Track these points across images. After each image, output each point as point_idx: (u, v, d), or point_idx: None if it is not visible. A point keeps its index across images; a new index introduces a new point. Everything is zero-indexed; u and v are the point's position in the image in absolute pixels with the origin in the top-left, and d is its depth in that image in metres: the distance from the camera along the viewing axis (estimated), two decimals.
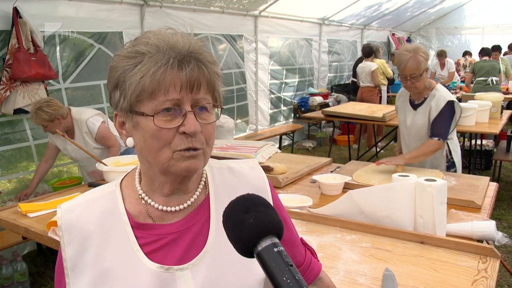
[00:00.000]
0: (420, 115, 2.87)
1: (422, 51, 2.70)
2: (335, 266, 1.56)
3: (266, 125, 7.33)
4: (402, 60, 2.70)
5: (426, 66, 2.71)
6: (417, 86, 2.75)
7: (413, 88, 2.79)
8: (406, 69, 2.69)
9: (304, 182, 2.68)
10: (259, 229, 0.65)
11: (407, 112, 2.98)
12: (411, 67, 2.67)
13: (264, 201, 0.70)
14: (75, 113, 3.45)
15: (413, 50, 2.69)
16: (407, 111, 2.98)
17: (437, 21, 12.57)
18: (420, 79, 2.71)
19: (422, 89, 2.80)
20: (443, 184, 1.79)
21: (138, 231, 0.89)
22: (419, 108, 2.88)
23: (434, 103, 2.78)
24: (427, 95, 2.84)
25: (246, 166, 1.01)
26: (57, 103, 3.39)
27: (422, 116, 2.86)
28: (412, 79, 2.71)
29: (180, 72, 0.81)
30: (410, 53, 2.68)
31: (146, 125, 0.82)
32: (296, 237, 1.03)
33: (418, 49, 2.70)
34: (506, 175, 6.09)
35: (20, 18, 3.56)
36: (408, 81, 2.74)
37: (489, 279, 1.44)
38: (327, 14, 8.08)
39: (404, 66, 2.70)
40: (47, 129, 3.41)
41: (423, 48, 2.76)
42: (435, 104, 2.78)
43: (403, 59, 2.69)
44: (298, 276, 0.62)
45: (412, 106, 2.93)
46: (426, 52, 2.75)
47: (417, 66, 2.67)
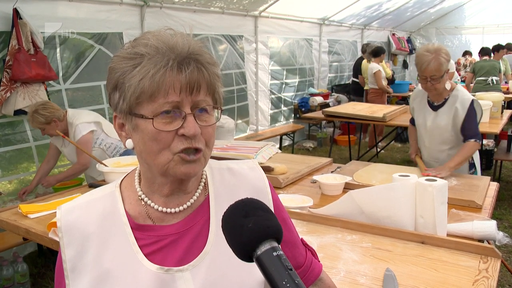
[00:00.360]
0: (442, 117, 2.79)
1: (444, 52, 2.62)
2: (335, 266, 1.56)
3: (267, 125, 7.33)
4: (423, 61, 2.62)
5: (447, 67, 2.64)
6: (437, 87, 2.68)
7: (433, 90, 2.72)
8: (426, 70, 2.62)
9: (305, 182, 2.68)
10: (258, 234, 0.65)
11: (427, 114, 2.89)
12: (432, 69, 2.60)
13: (263, 206, 0.70)
14: (70, 116, 3.45)
15: (435, 51, 2.61)
16: (427, 112, 2.89)
17: (437, 21, 12.56)
18: (440, 81, 2.64)
19: (442, 90, 2.73)
20: (443, 184, 1.79)
21: (137, 232, 0.89)
22: (440, 110, 2.81)
23: (459, 105, 2.71)
24: (448, 96, 2.77)
25: (246, 166, 1.00)
26: (53, 106, 3.41)
27: (445, 118, 2.78)
28: (432, 80, 2.64)
29: (180, 74, 0.80)
30: (432, 54, 2.60)
31: (145, 127, 0.82)
32: (297, 238, 1.03)
33: (440, 50, 2.61)
34: (506, 174, 6.08)
35: (20, 19, 3.56)
36: (428, 83, 2.67)
37: (490, 279, 1.44)
38: (327, 14, 8.08)
39: (425, 67, 2.62)
40: (44, 132, 3.44)
41: (445, 48, 2.67)
42: (461, 106, 2.71)
43: (424, 60, 2.61)
44: (298, 280, 0.62)
45: (432, 107, 2.86)
46: (448, 53, 2.67)
47: (438, 68, 2.59)
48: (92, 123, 3.47)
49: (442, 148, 2.88)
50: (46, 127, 3.37)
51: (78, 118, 3.43)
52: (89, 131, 3.43)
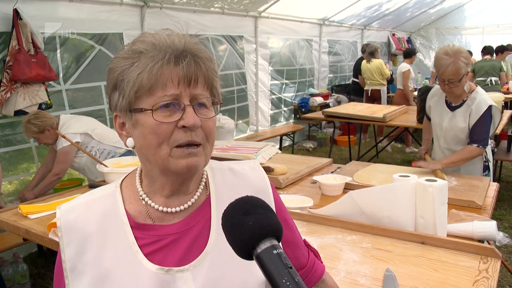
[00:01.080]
0: (459, 118, 2.77)
1: (463, 56, 2.59)
2: (335, 266, 1.56)
3: (267, 125, 7.33)
4: (442, 65, 2.58)
5: (466, 70, 2.60)
6: (454, 91, 2.66)
7: (450, 93, 2.71)
8: (444, 74, 2.59)
9: (305, 183, 2.68)
10: (258, 232, 0.65)
11: (444, 114, 2.87)
12: (450, 73, 2.57)
13: (264, 204, 0.70)
14: (61, 124, 3.44)
15: (454, 54, 2.57)
16: (444, 112, 2.87)
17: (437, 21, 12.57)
18: (458, 85, 2.62)
19: (461, 93, 2.71)
20: (443, 184, 1.79)
21: (137, 232, 0.89)
22: (458, 110, 2.78)
23: (474, 107, 2.69)
24: (467, 98, 2.75)
25: (247, 167, 1.00)
26: (45, 115, 3.43)
27: (461, 119, 2.76)
28: (450, 84, 2.62)
29: (177, 67, 0.82)
30: (451, 58, 2.56)
31: (145, 121, 0.83)
32: (299, 239, 1.02)
33: (459, 53, 2.58)
34: (507, 175, 6.09)
35: (20, 20, 3.56)
36: (445, 85, 2.65)
37: (490, 279, 1.44)
38: (327, 14, 8.08)
39: (443, 71, 2.59)
40: (40, 141, 3.47)
41: (465, 51, 2.64)
42: (476, 108, 2.69)
43: (443, 64, 2.58)
44: (298, 278, 0.62)
45: (449, 108, 2.84)
46: (468, 56, 2.64)
47: (456, 72, 2.57)
48: (77, 135, 3.43)
49: (457, 149, 2.85)
50: (40, 136, 3.40)
51: (66, 128, 3.41)
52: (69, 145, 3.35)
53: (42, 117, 3.39)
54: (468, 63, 2.62)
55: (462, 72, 2.58)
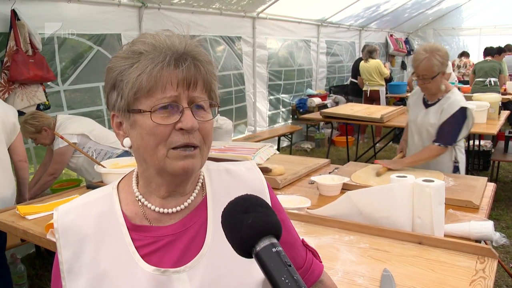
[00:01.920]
0: (431, 115, 2.83)
1: (440, 54, 2.63)
2: (333, 267, 1.56)
3: (265, 126, 7.33)
4: (417, 59, 2.66)
5: (441, 69, 2.64)
6: (428, 87, 2.71)
7: (425, 89, 2.76)
8: (418, 68, 2.66)
9: (303, 183, 2.68)
10: (258, 230, 0.65)
11: (419, 111, 2.93)
12: (423, 68, 2.63)
13: (263, 202, 0.71)
14: (58, 125, 3.43)
15: (431, 51, 2.63)
16: (419, 109, 2.93)
17: (435, 22, 12.60)
18: (431, 82, 2.66)
19: (435, 91, 2.75)
20: (441, 185, 1.80)
21: (134, 233, 0.89)
22: (431, 108, 2.84)
23: (447, 106, 2.73)
24: (442, 97, 2.79)
25: (244, 167, 1.00)
26: (42, 115, 3.43)
27: (433, 116, 2.81)
28: (423, 79, 2.68)
29: (177, 69, 0.82)
30: (426, 54, 2.62)
31: (143, 122, 0.83)
32: (297, 239, 1.02)
33: (436, 51, 2.63)
34: (504, 175, 6.10)
35: (18, 20, 3.56)
36: (419, 80, 2.72)
37: (487, 279, 1.45)
38: (325, 15, 8.09)
39: (417, 65, 2.66)
40: (37, 141, 3.46)
41: (444, 50, 2.69)
42: (448, 107, 2.72)
43: (418, 58, 2.65)
44: (297, 276, 0.62)
45: (425, 105, 2.90)
46: (445, 56, 2.68)
47: (429, 69, 2.62)
48: (74, 136, 3.41)
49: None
50: (37, 136, 3.40)
51: (63, 129, 3.40)
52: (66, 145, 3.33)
53: (39, 117, 3.39)
54: (443, 62, 2.66)
55: (435, 69, 2.63)
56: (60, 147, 3.38)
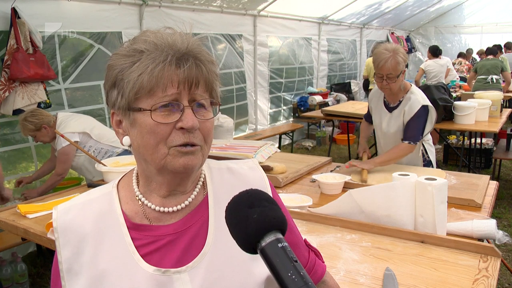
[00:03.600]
0: (395, 119, 2.83)
1: (402, 52, 2.66)
2: (335, 265, 1.56)
3: (266, 124, 7.33)
4: (381, 59, 2.63)
5: (403, 68, 2.67)
6: (392, 87, 2.69)
7: (388, 89, 2.73)
8: (383, 68, 2.63)
9: (304, 182, 2.67)
10: (263, 225, 0.64)
11: (383, 115, 2.93)
12: (389, 67, 2.62)
13: (268, 197, 0.70)
14: (58, 123, 3.42)
15: (393, 50, 2.65)
16: (382, 113, 2.93)
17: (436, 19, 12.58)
18: (396, 81, 2.66)
19: (397, 91, 2.75)
20: (443, 183, 1.79)
21: (134, 232, 0.88)
22: (394, 111, 2.84)
23: (408, 107, 2.74)
24: (402, 98, 2.79)
25: (246, 166, 0.99)
26: (42, 112, 3.42)
27: (396, 120, 2.82)
28: (388, 79, 2.66)
29: (178, 69, 0.80)
30: (390, 53, 2.62)
31: (143, 120, 0.82)
32: (299, 239, 1.01)
33: (397, 50, 2.66)
34: (506, 173, 6.09)
35: (18, 19, 3.55)
36: (383, 81, 2.68)
37: (490, 278, 1.44)
38: (326, 13, 8.08)
39: (382, 65, 2.63)
40: (36, 139, 3.45)
41: (403, 49, 2.73)
42: (409, 108, 2.74)
43: (382, 58, 2.63)
44: (303, 271, 0.61)
45: (388, 109, 2.89)
46: (406, 54, 2.72)
47: (395, 67, 2.62)
48: (76, 134, 3.41)
49: None
50: (37, 134, 3.38)
51: (64, 127, 3.40)
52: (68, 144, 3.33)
53: (38, 114, 3.38)
54: (405, 60, 2.68)
55: (400, 68, 2.64)
56: (64, 147, 3.37)
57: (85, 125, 3.51)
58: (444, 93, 5.06)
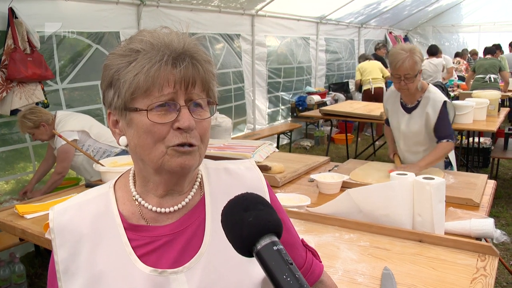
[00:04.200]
0: (416, 119, 2.80)
1: (418, 52, 2.65)
2: (333, 265, 1.56)
3: (264, 124, 7.32)
4: (398, 59, 2.61)
5: (421, 67, 2.66)
6: (409, 87, 2.67)
7: (405, 90, 2.71)
8: (401, 68, 2.61)
9: (302, 181, 2.67)
10: (259, 228, 0.65)
11: (400, 116, 2.89)
12: (406, 67, 2.60)
13: (263, 200, 0.70)
14: (57, 121, 3.41)
15: (410, 49, 2.63)
16: (400, 115, 2.89)
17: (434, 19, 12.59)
18: (414, 81, 2.64)
19: (414, 91, 2.74)
20: (441, 182, 1.79)
21: (131, 233, 0.87)
22: (414, 112, 2.81)
23: (430, 107, 2.72)
24: (421, 98, 2.78)
25: (243, 166, 0.99)
26: (40, 110, 3.41)
27: (418, 121, 2.79)
28: (406, 79, 2.64)
29: (175, 69, 0.80)
30: (407, 53, 2.60)
31: (140, 120, 0.82)
32: (296, 239, 1.01)
33: (414, 49, 2.65)
34: (503, 172, 6.10)
35: (15, 19, 3.54)
36: (401, 82, 2.66)
37: (488, 277, 1.44)
38: (324, 12, 8.08)
39: (399, 65, 2.61)
40: (35, 137, 3.43)
41: (419, 49, 2.71)
42: (432, 109, 2.72)
43: (399, 58, 2.61)
44: (298, 274, 0.61)
45: (405, 110, 2.86)
46: (421, 53, 2.71)
47: (412, 67, 2.60)
48: (75, 132, 3.40)
49: (417, 149, 2.89)
50: (35, 131, 3.37)
51: (63, 125, 3.38)
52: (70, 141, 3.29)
53: (37, 112, 3.37)
54: (422, 59, 2.67)
55: (418, 67, 2.62)
56: (63, 145, 3.35)
57: (84, 124, 3.50)
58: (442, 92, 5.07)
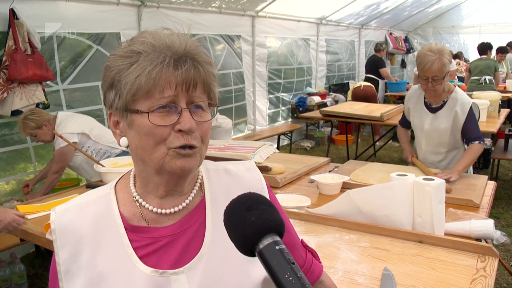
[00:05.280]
0: (442, 119, 2.76)
1: (447, 53, 2.59)
2: (333, 266, 1.56)
3: (264, 125, 7.32)
4: (427, 61, 2.55)
5: (449, 69, 2.61)
6: (437, 89, 2.64)
7: (433, 91, 2.68)
8: (429, 70, 2.56)
9: (302, 182, 2.67)
10: (261, 227, 0.65)
11: (424, 116, 2.85)
12: (435, 69, 2.54)
13: (266, 200, 0.71)
14: (58, 122, 3.41)
15: (438, 51, 2.56)
16: (423, 114, 2.85)
17: (435, 20, 12.59)
18: (441, 82, 2.61)
19: (442, 92, 2.71)
20: (441, 183, 1.79)
21: (132, 234, 0.88)
22: (440, 112, 2.77)
23: (459, 108, 2.69)
24: (447, 98, 2.74)
25: (243, 167, 0.99)
26: (41, 111, 3.43)
27: (445, 121, 2.75)
28: (433, 81, 2.59)
29: (176, 71, 0.80)
30: (436, 55, 2.55)
31: (141, 122, 0.82)
32: (296, 240, 1.01)
33: (443, 51, 2.58)
34: (504, 173, 6.10)
35: (16, 19, 3.54)
36: (428, 83, 2.61)
37: (488, 278, 1.44)
38: (324, 13, 8.08)
39: (428, 67, 2.55)
40: (37, 138, 3.43)
41: (448, 49, 2.66)
42: (461, 109, 2.69)
43: (428, 60, 2.55)
44: (300, 273, 0.62)
45: (429, 110, 2.82)
46: (451, 54, 2.66)
47: (441, 69, 2.55)
48: (75, 135, 3.39)
49: (440, 150, 2.86)
50: (38, 132, 3.37)
51: (63, 127, 3.37)
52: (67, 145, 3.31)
53: (38, 112, 3.38)
54: (451, 61, 2.63)
55: (446, 69, 2.59)
56: (62, 147, 3.36)
57: (84, 126, 3.50)
58: None
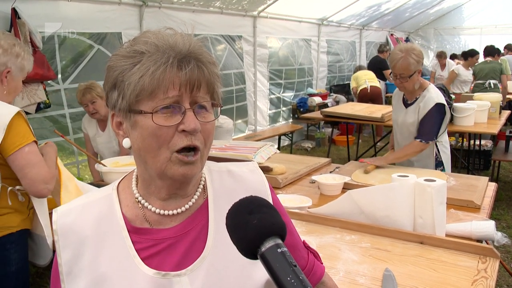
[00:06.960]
0: (410, 114, 2.91)
1: (415, 53, 2.72)
2: (335, 266, 1.56)
3: (265, 125, 7.33)
4: (394, 59, 2.76)
5: (417, 68, 2.73)
6: (405, 86, 2.80)
7: (402, 88, 2.85)
8: (395, 68, 2.75)
9: (304, 183, 2.68)
10: (263, 230, 0.66)
11: (400, 111, 3.02)
12: (400, 67, 2.72)
13: (268, 203, 0.71)
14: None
15: (406, 50, 2.73)
16: (400, 109, 3.02)
17: (436, 21, 12.60)
18: (408, 80, 2.75)
19: (412, 89, 2.84)
20: (442, 184, 1.79)
21: (134, 236, 0.87)
22: (410, 107, 2.92)
23: (423, 104, 2.82)
24: (419, 96, 2.87)
25: (246, 169, 0.98)
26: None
27: (412, 115, 2.89)
28: (401, 78, 2.76)
29: (180, 72, 0.80)
30: (402, 53, 2.72)
31: (144, 123, 0.81)
32: (298, 241, 1.01)
33: (411, 50, 2.73)
34: (504, 175, 6.10)
35: (18, 19, 3.55)
36: (397, 80, 2.80)
37: (488, 279, 1.44)
38: (326, 14, 8.08)
39: (394, 65, 2.75)
40: (94, 106, 3.29)
41: (418, 49, 2.79)
42: (423, 105, 2.81)
43: (394, 58, 2.75)
44: (302, 276, 0.62)
45: (405, 105, 2.98)
46: (420, 54, 2.77)
47: (406, 67, 2.71)
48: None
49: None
50: (99, 101, 3.28)
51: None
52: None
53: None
54: (419, 61, 2.75)
55: (412, 68, 2.72)
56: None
57: None
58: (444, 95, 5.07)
